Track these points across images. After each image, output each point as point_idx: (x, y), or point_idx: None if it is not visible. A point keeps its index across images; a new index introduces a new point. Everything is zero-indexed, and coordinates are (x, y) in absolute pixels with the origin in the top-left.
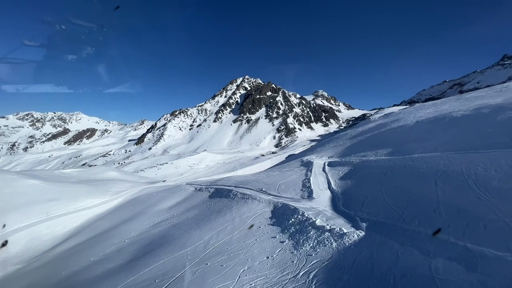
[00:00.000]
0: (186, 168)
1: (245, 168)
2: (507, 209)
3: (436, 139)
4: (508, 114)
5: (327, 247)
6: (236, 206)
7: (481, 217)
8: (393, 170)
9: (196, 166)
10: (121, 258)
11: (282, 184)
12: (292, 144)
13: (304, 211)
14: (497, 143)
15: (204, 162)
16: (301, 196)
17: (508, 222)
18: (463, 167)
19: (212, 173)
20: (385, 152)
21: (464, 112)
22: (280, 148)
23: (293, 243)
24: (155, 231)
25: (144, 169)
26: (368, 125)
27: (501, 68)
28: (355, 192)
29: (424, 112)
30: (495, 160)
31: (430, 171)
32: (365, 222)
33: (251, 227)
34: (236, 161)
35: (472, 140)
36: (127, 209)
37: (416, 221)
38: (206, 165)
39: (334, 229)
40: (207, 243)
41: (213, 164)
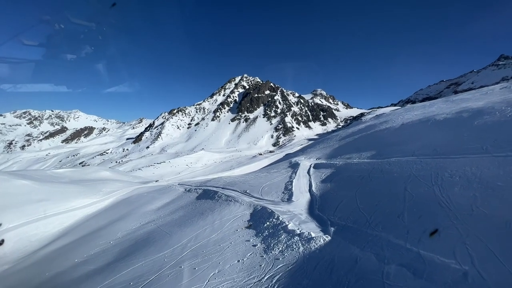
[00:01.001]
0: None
1: (242, 167)
2: (463, 216)
3: (416, 143)
4: (484, 118)
5: (294, 252)
6: (218, 209)
7: (438, 224)
8: (370, 173)
9: (194, 165)
10: (103, 259)
11: (266, 186)
12: (289, 143)
13: (280, 214)
14: (468, 149)
15: (201, 161)
16: (281, 199)
17: (460, 229)
18: (433, 172)
19: (209, 172)
20: (368, 155)
21: (446, 116)
22: (278, 147)
23: (264, 247)
24: (140, 233)
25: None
26: (358, 126)
27: (495, 69)
28: (332, 196)
29: (412, 114)
30: (462, 166)
31: (403, 175)
32: (334, 227)
33: (230, 230)
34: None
35: (448, 144)
36: (117, 210)
37: (380, 227)
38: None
39: (303, 233)
40: (185, 246)
41: (210, 163)
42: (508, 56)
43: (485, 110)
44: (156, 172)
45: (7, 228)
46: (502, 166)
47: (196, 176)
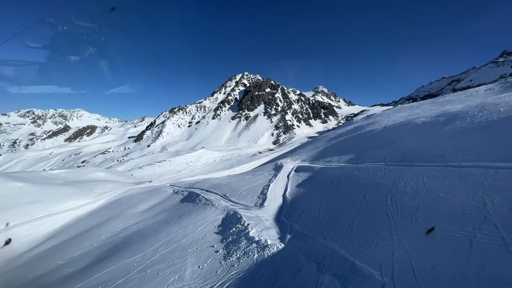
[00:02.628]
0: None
1: (242, 165)
2: (401, 226)
3: (390, 147)
4: (456, 124)
5: (249, 259)
6: (195, 213)
7: (378, 234)
8: (340, 179)
9: (194, 164)
10: (83, 262)
11: (245, 190)
12: (290, 141)
13: (247, 220)
14: (429, 156)
15: (201, 160)
16: (255, 203)
17: (395, 240)
18: (392, 180)
19: (209, 171)
20: (347, 159)
21: (425, 119)
22: (278, 145)
23: (225, 253)
24: (122, 235)
25: (142, 166)
26: (347, 127)
27: (494, 66)
28: (301, 201)
29: (397, 116)
30: (417, 175)
31: (366, 182)
32: (291, 234)
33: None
34: (234, 158)
35: (414, 151)
36: (107, 211)
37: (330, 235)
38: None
39: (260, 240)
40: (156, 250)
41: (210, 161)
42: (510, 52)
43: (459, 114)
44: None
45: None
46: (449, 177)
47: (196, 174)
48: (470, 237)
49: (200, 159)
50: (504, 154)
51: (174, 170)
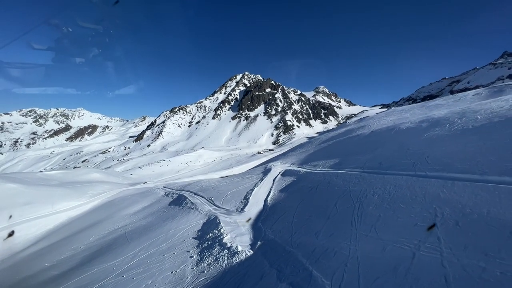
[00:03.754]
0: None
1: (241, 165)
2: (360, 236)
3: (371, 153)
4: (435, 131)
5: (219, 265)
6: (179, 216)
7: (339, 244)
8: (319, 185)
9: (193, 164)
10: (68, 265)
11: (230, 194)
12: (289, 141)
13: (224, 226)
14: (402, 164)
15: (201, 160)
16: (236, 208)
17: (351, 250)
18: (363, 188)
19: (208, 171)
20: (331, 163)
21: (409, 125)
22: (278, 145)
23: (198, 259)
24: (109, 238)
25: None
26: (339, 130)
27: (492, 68)
28: (280, 207)
29: (387, 119)
30: (386, 183)
31: (341, 189)
32: (262, 241)
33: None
34: (233, 158)
35: (390, 158)
36: (98, 213)
37: (297, 243)
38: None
39: (231, 247)
40: (136, 255)
41: (210, 161)
42: (511, 53)
43: (441, 121)
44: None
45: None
46: (412, 187)
47: (195, 174)
48: (414, 250)
49: (200, 159)
50: (466, 165)
51: (173, 170)
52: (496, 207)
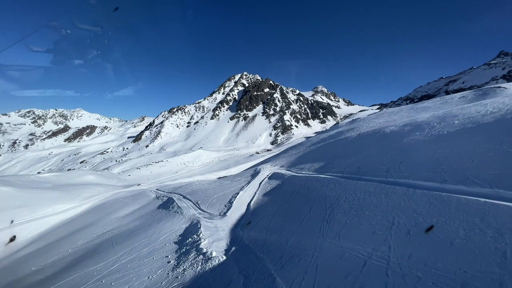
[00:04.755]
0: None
1: (239, 166)
2: (324, 244)
3: (353, 158)
4: (415, 135)
5: (193, 270)
6: (164, 220)
7: (304, 250)
8: (300, 189)
9: (191, 164)
10: (53, 269)
11: (216, 197)
12: (287, 141)
13: (204, 231)
14: (377, 170)
15: (199, 160)
16: (219, 212)
17: (314, 258)
18: (338, 194)
19: (206, 171)
20: (316, 167)
21: (393, 128)
22: (276, 145)
23: (175, 264)
24: (96, 242)
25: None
26: (330, 132)
27: (486, 68)
28: (261, 211)
29: (376, 122)
30: (357, 190)
31: (318, 194)
32: (237, 246)
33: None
34: (231, 158)
35: (369, 163)
36: (90, 216)
37: (268, 249)
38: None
39: (207, 252)
40: (117, 259)
41: (208, 161)
42: (508, 53)
43: (422, 125)
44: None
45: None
46: (379, 194)
47: (193, 175)
48: (366, 258)
49: (198, 160)
50: (431, 172)
51: (171, 171)
52: (444, 217)
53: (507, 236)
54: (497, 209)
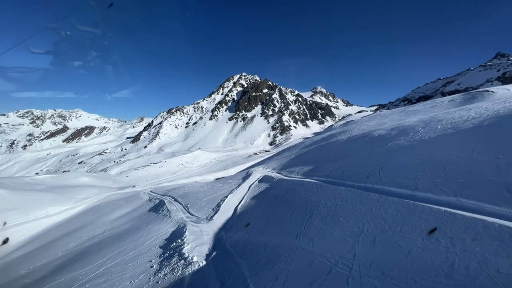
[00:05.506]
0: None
1: (237, 166)
2: (299, 250)
3: (339, 162)
4: (400, 140)
5: (173, 275)
6: (153, 224)
7: (279, 256)
8: (286, 194)
9: (189, 165)
10: (41, 273)
11: (206, 200)
12: (286, 142)
13: (189, 235)
14: (360, 175)
15: (197, 161)
16: (207, 216)
17: (286, 264)
18: (319, 199)
19: (204, 172)
20: (305, 170)
21: (381, 132)
22: (274, 146)
23: (157, 269)
24: (86, 245)
25: (138, 167)
26: (323, 134)
27: (482, 70)
28: (246, 215)
29: (367, 124)
30: (336, 195)
31: (301, 199)
32: (218, 251)
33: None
34: (229, 159)
35: (352, 168)
36: (83, 218)
37: (246, 254)
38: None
39: (188, 257)
40: (104, 263)
41: (206, 162)
42: (504, 54)
43: (408, 129)
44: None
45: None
46: (355, 200)
47: (191, 176)
48: (332, 265)
49: (196, 160)
50: (405, 179)
51: (169, 171)
52: (408, 225)
53: (458, 246)
54: (454, 219)
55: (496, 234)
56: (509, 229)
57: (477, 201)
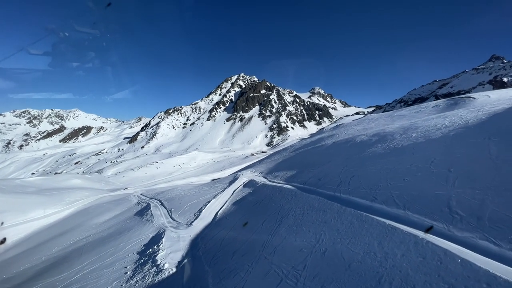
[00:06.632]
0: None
1: (234, 167)
2: (261, 259)
3: (319, 168)
4: (377, 146)
5: (144, 282)
6: (135, 229)
7: (243, 265)
8: (264, 200)
9: (186, 166)
10: (21, 278)
11: (189, 205)
12: (283, 142)
13: (165, 241)
14: (333, 182)
15: (194, 161)
16: (187, 222)
17: (247, 272)
18: (290, 207)
19: (201, 173)
20: (288, 175)
21: (363, 138)
22: (271, 147)
23: (130, 276)
24: (69, 250)
25: (134, 168)
26: (313, 138)
27: (474, 73)
28: (224, 221)
29: (354, 129)
30: (305, 204)
31: (276, 206)
32: (190, 258)
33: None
34: (226, 160)
35: (327, 176)
36: (71, 221)
37: (215, 262)
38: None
39: (160, 264)
40: (81, 269)
41: (203, 163)
42: (499, 57)
43: (387, 136)
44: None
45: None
46: (320, 210)
47: (187, 176)
48: (283, 276)
49: (193, 161)
50: (368, 189)
51: (166, 172)
52: (356, 238)
53: (390, 261)
54: (394, 233)
55: (422, 251)
56: (433, 246)
57: (420, 215)
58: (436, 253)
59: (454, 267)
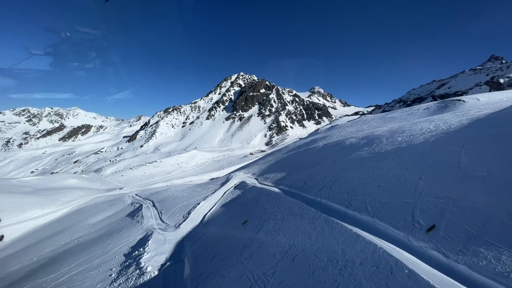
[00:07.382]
0: (175, 167)
1: (232, 167)
2: (238, 263)
3: (307, 171)
4: (363, 150)
5: (126, 285)
6: (124, 230)
7: (219, 270)
8: (250, 203)
9: (185, 165)
10: (11, 279)
11: (180, 206)
12: (282, 142)
13: (151, 243)
14: (316, 187)
15: (193, 161)
16: (175, 224)
17: (223, 277)
18: (272, 211)
19: (200, 172)
20: (277, 178)
21: (353, 140)
22: (270, 146)
23: (114, 278)
24: (60, 251)
25: (133, 167)
26: (307, 139)
27: (472, 74)
28: (212, 223)
29: (347, 130)
30: (286, 208)
31: (260, 209)
32: (172, 261)
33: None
34: (225, 159)
35: (312, 179)
36: (65, 221)
37: (196, 265)
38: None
39: (143, 267)
40: (69, 271)
41: (202, 162)
42: (498, 57)
43: (375, 139)
44: (147, 171)
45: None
46: (297, 215)
47: (186, 175)
48: (253, 282)
49: (192, 160)
50: (345, 195)
51: (164, 171)
52: (324, 244)
53: (348, 270)
54: (357, 241)
55: (377, 260)
56: (388, 255)
57: (385, 223)
58: (388, 263)
59: (401, 277)
